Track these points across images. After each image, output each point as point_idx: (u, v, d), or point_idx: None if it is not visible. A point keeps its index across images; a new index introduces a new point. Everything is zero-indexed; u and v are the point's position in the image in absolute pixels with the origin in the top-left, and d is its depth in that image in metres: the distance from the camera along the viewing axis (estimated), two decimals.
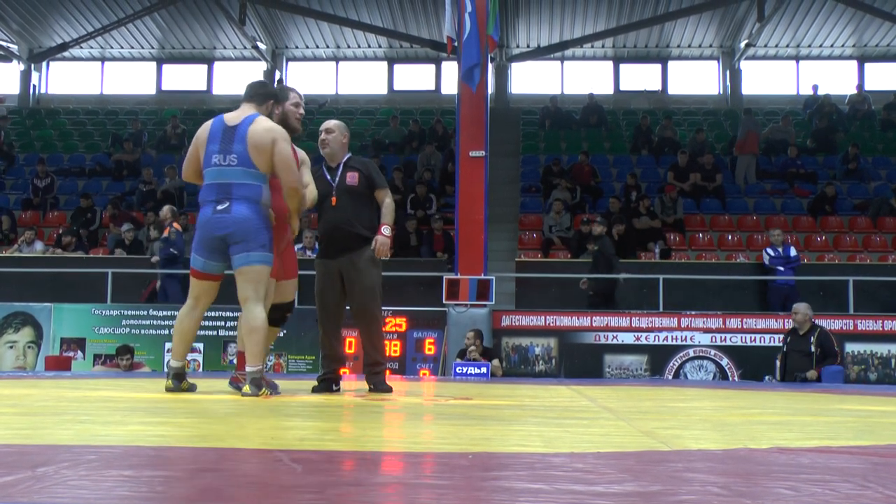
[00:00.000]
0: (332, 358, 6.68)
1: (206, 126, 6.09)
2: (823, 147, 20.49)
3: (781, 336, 11.95)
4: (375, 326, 6.72)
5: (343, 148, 6.73)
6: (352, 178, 6.60)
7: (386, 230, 6.52)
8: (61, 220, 18.02)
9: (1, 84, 25.78)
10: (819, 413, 5.32)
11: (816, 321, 11.69)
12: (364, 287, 6.56)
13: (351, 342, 11.98)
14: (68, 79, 26.07)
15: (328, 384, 6.55)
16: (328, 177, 6.64)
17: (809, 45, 24.16)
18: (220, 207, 5.74)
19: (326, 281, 6.63)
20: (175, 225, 14.02)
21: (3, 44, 24.32)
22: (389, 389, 6.54)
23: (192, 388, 6.00)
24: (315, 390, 6.46)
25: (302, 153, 6.29)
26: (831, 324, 12.57)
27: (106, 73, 26.06)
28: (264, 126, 5.83)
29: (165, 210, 14.22)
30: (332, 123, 6.81)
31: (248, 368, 5.71)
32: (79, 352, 12.94)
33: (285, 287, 6.31)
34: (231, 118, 5.97)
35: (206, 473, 2.30)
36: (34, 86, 25.53)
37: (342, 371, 6.93)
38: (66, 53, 24.45)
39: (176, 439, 3.20)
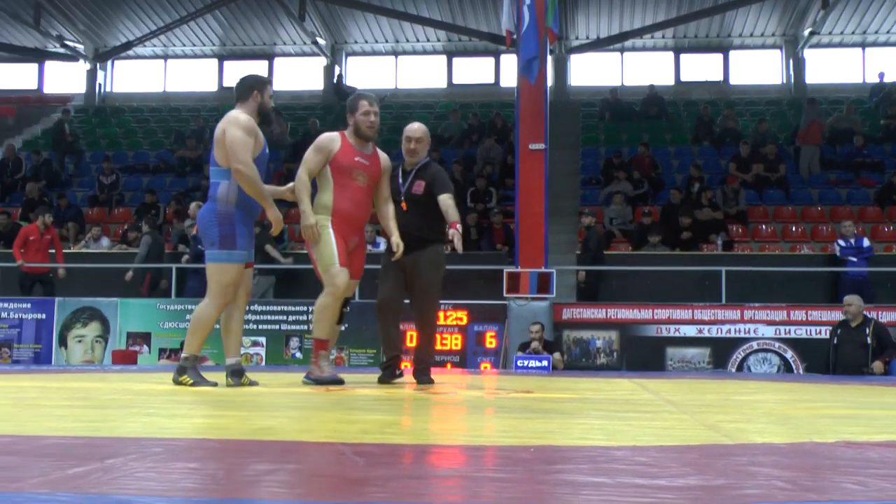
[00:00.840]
0: (390, 343, 6.85)
1: None
2: (891, 136, 20.09)
3: (829, 329, 11.75)
4: (429, 326, 6.87)
5: (426, 152, 6.89)
6: (418, 187, 6.72)
7: (458, 225, 6.53)
8: (126, 216, 18.30)
9: (68, 83, 26.27)
10: (887, 407, 5.23)
11: (870, 313, 11.49)
12: (424, 285, 6.72)
13: (412, 336, 12.00)
14: (132, 77, 26.48)
15: (393, 369, 6.76)
16: (399, 180, 6.77)
17: (876, 32, 23.70)
18: None
19: (390, 269, 6.75)
20: None
21: (70, 44, 24.77)
22: (432, 382, 6.75)
23: (253, 384, 6.11)
24: (382, 379, 6.70)
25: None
26: None
27: (169, 71, 26.43)
28: (225, 119, 6.14)
29: (193, 206, 14.33)
30: (420, 131, 6.84)
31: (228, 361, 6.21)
32: (144, 346, 13.13)
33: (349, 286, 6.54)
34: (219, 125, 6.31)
35: (270, 466, 2.32)
36: (100, 84, 25.98)
37: (402, 363, 7.00)
38: (130, 52, 24.84)
39: (240, 432, 3.23)
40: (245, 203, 6.04)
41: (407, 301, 6.91)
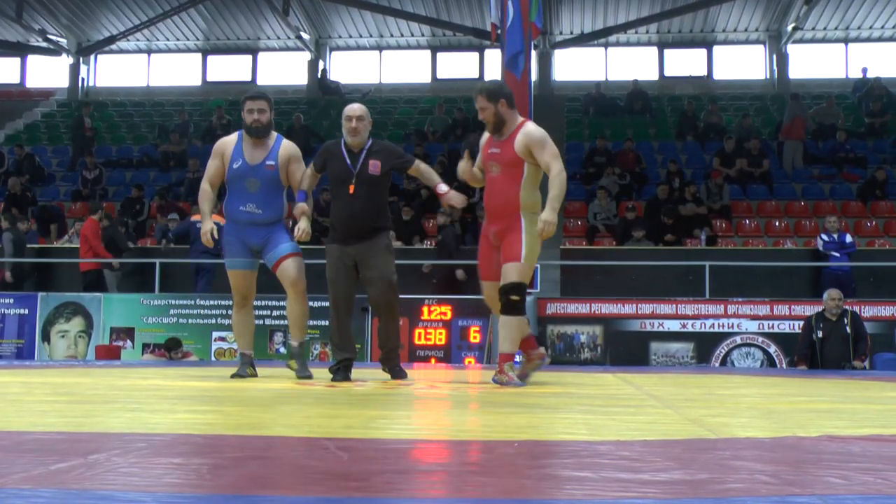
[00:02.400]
0: (346, 345, 6.59)
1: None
2: (873, 131, 20.19)
3: (802, 323, 11.75)
4: (394, 314, 6.69)
5: (368, 132, 6.61)
6: (374, 167, 6.46)
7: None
8: (110, 211, 18.21)
9: (51, 78, 26.15)
10: (870, 401, 5.25)
11: (852, 308, 11.55)
12: (382, 275, 6.47)
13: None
14: (116, 71, 26.37)
15: (346, 372, 6.48)
16: (348, 161, 6.48)
17: (859, 27, 23.80)
18: None
19: (340, 267, 6.53)
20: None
21: (53, 38, 24.64)
22: (405, 375, 6.60)
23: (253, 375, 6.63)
24: (336, 379, 6.31)
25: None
26: (882, 310, 12.39)
27: (152, 65, 26.33)
28: None
29: None
30: (361, 109, 6.58)
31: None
32: (128, 341, 13.09)
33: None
34: None
35: (254, 461, 2.32)
36: (83, 79, 25.85)
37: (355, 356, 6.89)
38: (113, 46, 24.75)
39: (224, 427, 3.23)
40: (230, 215, 6.56)
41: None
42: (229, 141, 6.63)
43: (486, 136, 6.36)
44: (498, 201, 6.10)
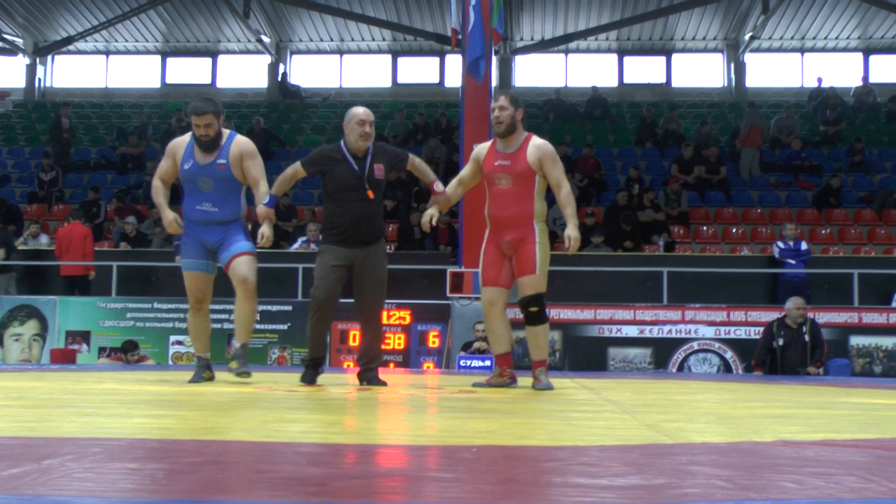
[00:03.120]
0: (319, 346, 6.57)
1: None
2: (828, 139, 20.46)
3: (762, 329, 11.89)
4: (378, 321, 6.62)
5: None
6: (379, 170, 6.42)
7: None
8: (66, 213, 18.02)
9: (6, 78, 25.83)
10: (824, 406, 5.31)
11: (808, 314, 11.70)
12: (375, 281, 6.43)
13: (355, 335, 11.98)
14: (73, 72, 26.11)
15: (316, 369, 6.47)
16: (355, 167, 6.38)
17: (814, 38, 24.12)
18: None
19: (334, 265, 6.39)
20: None
21: (9, 38, 24.35)
22: (384, 384, 6.41)
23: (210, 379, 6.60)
24: (305, 379, 6.36)
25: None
26: (836, 317, 12.55)
27: (111, 67, 26.10)
28: None
29: None
30: (370, 113, 6.54)
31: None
32: (84, 345, 12.96)
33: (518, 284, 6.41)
34: None
35: (210, 466, 2.31)
36: (39, 79, 25.57)
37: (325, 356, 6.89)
38: (70, 47, 24.51)
39: (180, 432, 3.20)
40: (187, 216, 6.52)
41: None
42: (181, 142, 6.58)
43: (483, 149, 6.50)
44: (512, 212, 6.27)
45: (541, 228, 6.30)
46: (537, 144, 6.34)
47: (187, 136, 6.58)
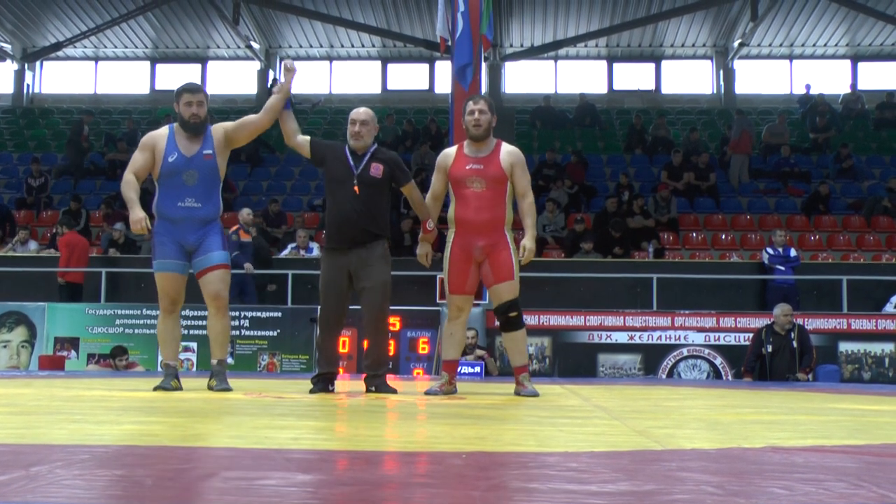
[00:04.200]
0: (330, 358, 6.48)
1: None
2: (817, 146, 20.54)
3: (751, 336, 11.92)
4: (384, 326, 6.49)
5: (372, 137, 6.56)
6: (376, 169, 6.37)
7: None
8: (55, 219, 17.96)
9: None
10: (813, 412, 5.32)
11: (797, 320, 11.73)
12: (376, 284, 6.35)
13: (345, 341, 11.96)
14: (62, 78, 26.03)
15: (325, 384, 6.33)
16: (351, 162, 6.37)
17: (803, 45, 24.21)
18: None
19: (334, 276, 6.37)
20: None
21: None
22: (394, 391, 6.28)
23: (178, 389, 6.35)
24: (313, 391, 6.22)
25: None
26: (825, 323, 12.59)
27: (100, 73, 26.04)
28: None
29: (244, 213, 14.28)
30: (366, 114, 6.58)
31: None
32: (72, 351, 12.91)
33: (493, 292, 6.47)
34: None
35: (200, 473, 2.30)
36: (28, 85, 25.50)
37: (338, 371, 6.82)
38: (59, 53, 24.42)
39: (169, 438, 3.19)
40: (164, 214, 6.23)
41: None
42: (160, 135, 6.35)
43: (448, 156, 6.44)
44: (486, 217, 6.25)
45: (511, 236, 6.33)
46: (510, 150, 6.40)
47: (165, 129, 6.39)
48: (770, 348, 11.40)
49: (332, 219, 6.45)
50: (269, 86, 24.50)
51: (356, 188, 6.30)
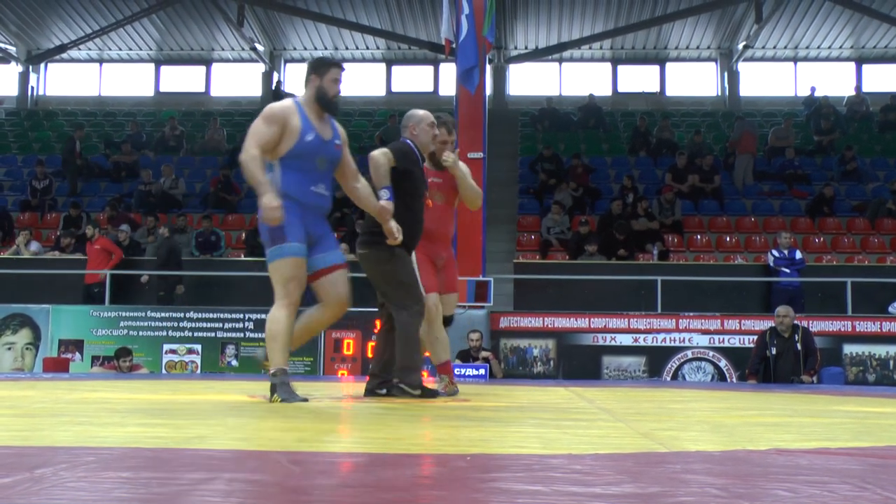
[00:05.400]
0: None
1: None
2: (822, 148, 20.52)
3: (756, 338, 11.92)
4: (398, 329, 6.22)
5: None
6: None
7: None
8: (59, 221, 18.00)
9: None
10: (817, 414, 5.32)
11: (801, 322, 11.73)
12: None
13: (349, 343, 11.97)
14: (66, 80, 26.06)
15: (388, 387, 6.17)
16: (424, 172, 6.28)
17: (807, 47, 24.18)
18: None
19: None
20: None
21: (2, 45, 24.31)
22: (412, 394, 5.97)
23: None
24: (424, 393, 6.00)
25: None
26: (829, 325, 12.58)
27: (104, 75, 26.06)
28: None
29: None
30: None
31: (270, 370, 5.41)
32: (77, 353, 12.93)
33: (448, 300, 6.56)
34: None
35: (204, 475, 2.30)
36: (32, 87, 25.52)
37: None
38: (64, 55, 24.44)
39: (174, 441, 3.20)
40: (294, 196, 5.33)
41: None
42: (291, 109, 5.42)
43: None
44: (447, 229, 6.60)
45: None
46: (461, 165, 6.64)
47: (292, 104, 5.51)
48: (774, 351, 11.39)
49: (412, 225, 6.05)
50: (272, 88, 24.55)
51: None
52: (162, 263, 14.38)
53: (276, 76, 25.10)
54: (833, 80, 24.10)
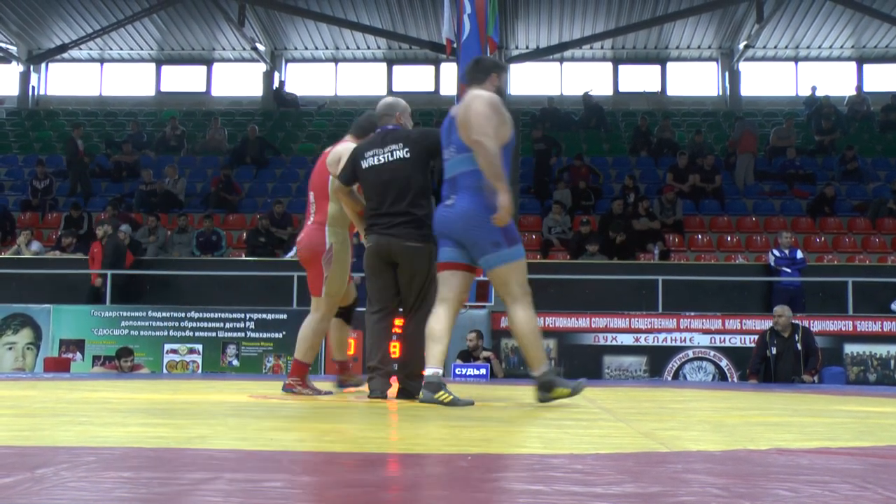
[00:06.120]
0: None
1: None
2: (823, 148, 20.52)
3: (757, 337, 11.93)
4: (412, 325, 6.20)
5: None
6: None
7: None
8: (60, 221, 18.00)
9: (0, 85, 25.80)
10: (818, 414, 5.31)
11: (802, 322, 11.73)
12: None
13: (351, 343, 11.98)
14: (67, 80, 26.08)
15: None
16: None
17: (808, 47, 24.18)
18: (447, 203, 5.35)
19: None
20: None
21: (3, 45, 24.33)
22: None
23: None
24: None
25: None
26: (830, 325, 12.57)
27: (105, 75, 26.08)
28: (467, 99, 5.33)
29: None
30: None
31: (534, 373, 5.38)
32: (78, 353, 12.93)
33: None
34: (454, 109, 5.54)
35: (205, 475, 2.30)
36: (33, 87, 25.54)
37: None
38: (65, 55, 24.46)
39: (175, 441, 3.20)
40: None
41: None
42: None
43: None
44: None
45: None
46: None
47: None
48: (774, 350, 11.40)
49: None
50: (274, 88, 24.56)
51: None
52: (110, 263, 14.29)
53: (277, 76, 25.11)
54: (834, 80, 24.11)
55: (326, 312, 6.34)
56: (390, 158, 5.84)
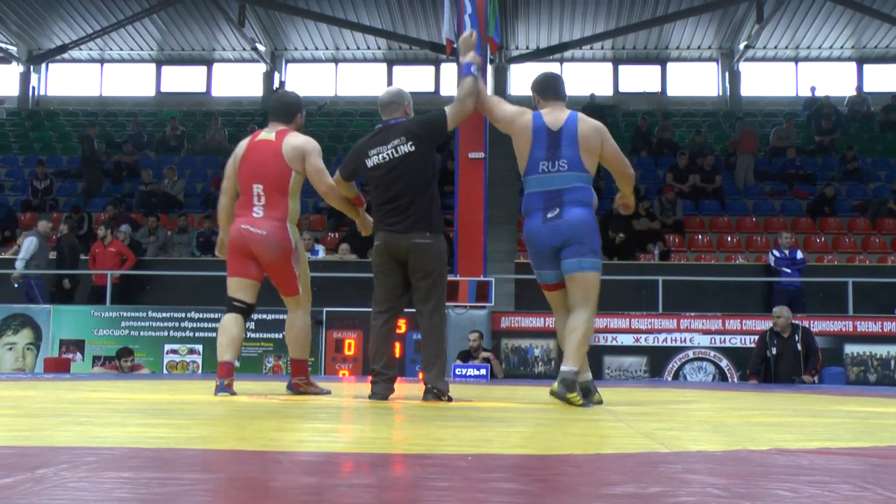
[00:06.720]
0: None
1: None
2: (823, 148, 20.52)
3: (756, 338, 11.94)
4: (423, 322, 6.11)
5: None
6: None
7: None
8: (60, 221, 17.98)
9: (1, 85, 25.80)
10: (818, 414, 5.31)
11: (802, 322, 11.73)
12: None
13: (350, 343, 11.98)
14: (67, 80, 26.08)
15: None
16: None
17: (808, 47, 24.18)
18: (550, 215, 5.57)
19: None
20: None
21: (3, 45, 24.33)
22: (442, 399, 5.83)
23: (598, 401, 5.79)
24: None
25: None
26: (830, 325, 12.57)
27: (105, 75, 26.09)
28: (592, 126, 5.72)
29: None
30: None
31: (563, 368, 5.50)
32: (78, 353, 12.93)
33: None
34: (552, 121, 5.79)
35: (205, 475, 2.30)
36: (33, 87, 25.55)
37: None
38: (65, 55, 24.48)
39: (175, 441, 3.20)
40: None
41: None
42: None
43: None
44: None
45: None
46: None
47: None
48: (774, 351, 11.40)
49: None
50: (274, 88, 24.55)
51: None
52: (60, 261, 14.39)
53: (277, 76, 25.12)
54: (834, 80, 24.11)
55: (307, 305, 6.47)
56: (395, 155, 5.88)
